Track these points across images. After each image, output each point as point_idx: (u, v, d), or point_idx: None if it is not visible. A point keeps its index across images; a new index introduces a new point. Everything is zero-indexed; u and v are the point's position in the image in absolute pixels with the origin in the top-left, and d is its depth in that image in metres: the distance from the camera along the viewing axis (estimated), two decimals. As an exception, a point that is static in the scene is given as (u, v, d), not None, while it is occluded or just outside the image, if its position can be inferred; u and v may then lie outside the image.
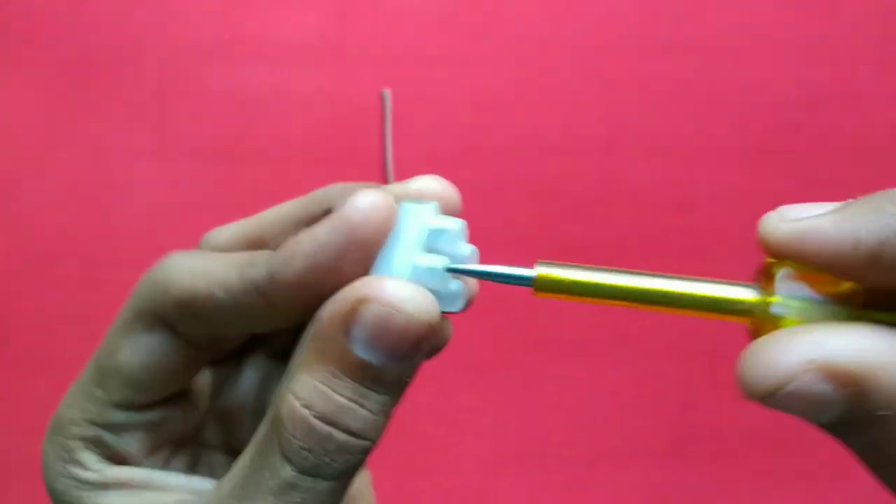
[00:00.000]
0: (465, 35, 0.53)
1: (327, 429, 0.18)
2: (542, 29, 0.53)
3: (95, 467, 0.21)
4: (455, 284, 0.20)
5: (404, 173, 0.53)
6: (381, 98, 0.51)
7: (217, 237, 0.23)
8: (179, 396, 0.22)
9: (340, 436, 0.18)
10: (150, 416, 0.22)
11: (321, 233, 0.18)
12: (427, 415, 0.52)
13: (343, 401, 0.18)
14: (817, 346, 0.17)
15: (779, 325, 0.19)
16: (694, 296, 0.20)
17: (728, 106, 0.53)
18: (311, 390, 0.18)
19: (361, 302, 0.18)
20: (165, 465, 0.22)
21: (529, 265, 0.20)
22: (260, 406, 0.24)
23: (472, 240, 0.21)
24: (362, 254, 0.19)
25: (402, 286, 0.18)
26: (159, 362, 0.21)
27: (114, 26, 0.52)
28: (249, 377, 0.24)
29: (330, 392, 0.18)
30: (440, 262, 0.20)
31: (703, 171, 0.53)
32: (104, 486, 0.21)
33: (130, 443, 0.21)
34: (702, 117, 0.53)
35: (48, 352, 0.50)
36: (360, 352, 0.18)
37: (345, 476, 0.19)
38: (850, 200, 0.18)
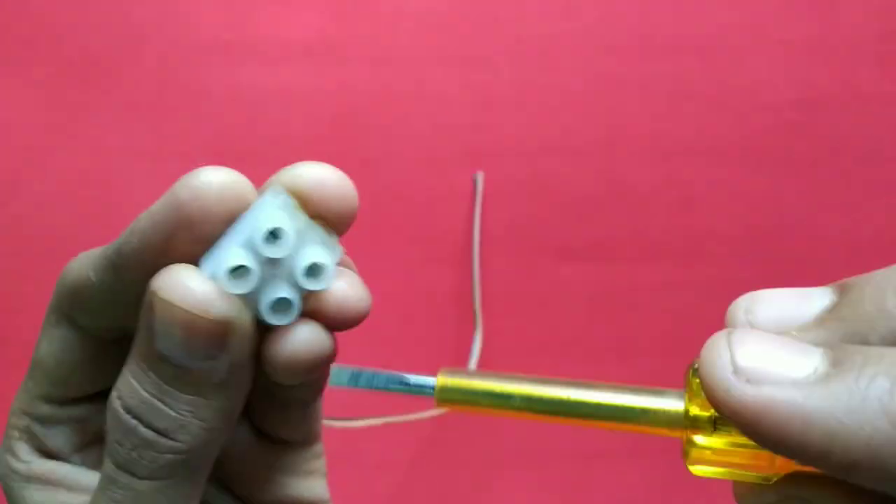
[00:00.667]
0: (466, 35, 0.53)
1: (133, 422, 0.18)
2: (542, 29, 0.53)
3: (25, 458, 0.21)
4: (287, 291, 0.18)
5: (405, 176, 0.53)
6: (473, 182, 0.51)
7: None
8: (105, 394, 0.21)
9: (145, 432, 0.18)
10: (74, 411, 0.21)
11: (154, 209, 0.18)
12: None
13: (146, 395, 0.18)
14: None
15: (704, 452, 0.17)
16: (619, 407, 0.18)
17: (728, 106, 0.53)
18: (124, 382, 0.18)
19: (152, 294, 0.17)
20: (98, 463, 0.22)
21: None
22: None
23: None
24: (193, 234, 0.17)
25: (185, 278, 0.17)
26: (68, 357, 0.20)
27: (113, 25, 0.52)
28: None
29: (136, 385, 0.18)
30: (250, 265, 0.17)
31: (703, 171, 0.53)
32: (28, 478, 0.21)
33: (57, 437, 0.21)
34: (702, 117, 0.53)
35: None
36: (160, 346, 0.17)
37: (159, 478, 0.18)
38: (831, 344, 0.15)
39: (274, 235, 0.17)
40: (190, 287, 0.17)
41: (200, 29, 0.52)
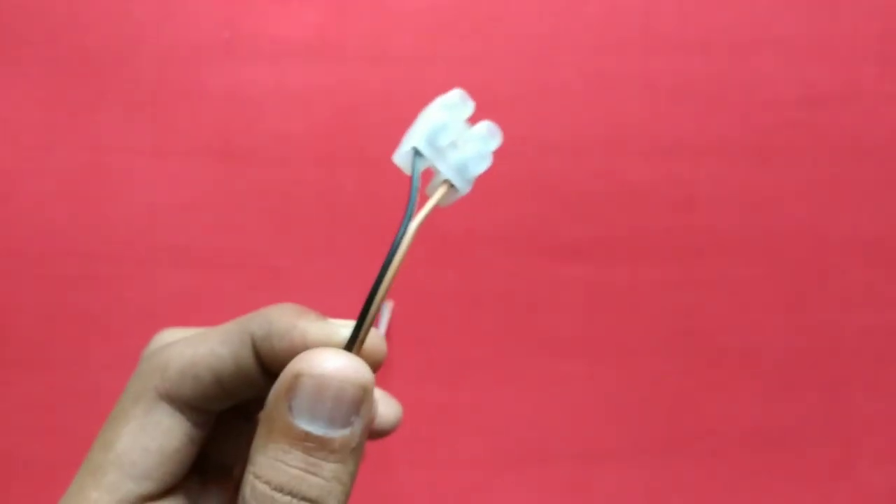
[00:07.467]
0: (466, 34, 0.53)
1: (286, 498, 0.19)
2: (542, 28, 0.53)
3: None
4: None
5: (405, 175, 0.53)
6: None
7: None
8: (182, 484, 0.22)
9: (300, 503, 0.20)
10: None
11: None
12: (426, 412, 0.51)
13: (295, 472, 0.19)
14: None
15: None
16: None
17: (729, 104, 0.53)
18: (265, 465, 0.19)
19: (297, 377, 0.19)
20: None
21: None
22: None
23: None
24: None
25: (333, 357, 0.20)
26: (167, 443, 0.21)
27: (111, 24, 0.52)
28: (230, 442, 0.25)
29: (281, 464, 0.19)
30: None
31: (703, 170, 0.53)
32: None
33: None
34: (703, 115, 0.53)
35: (48, 351, 0.50)
36: (303, 424, 0.19)
37: None
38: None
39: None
40: (340, 363, 0.20)
41: (200, 27, 0.52)
